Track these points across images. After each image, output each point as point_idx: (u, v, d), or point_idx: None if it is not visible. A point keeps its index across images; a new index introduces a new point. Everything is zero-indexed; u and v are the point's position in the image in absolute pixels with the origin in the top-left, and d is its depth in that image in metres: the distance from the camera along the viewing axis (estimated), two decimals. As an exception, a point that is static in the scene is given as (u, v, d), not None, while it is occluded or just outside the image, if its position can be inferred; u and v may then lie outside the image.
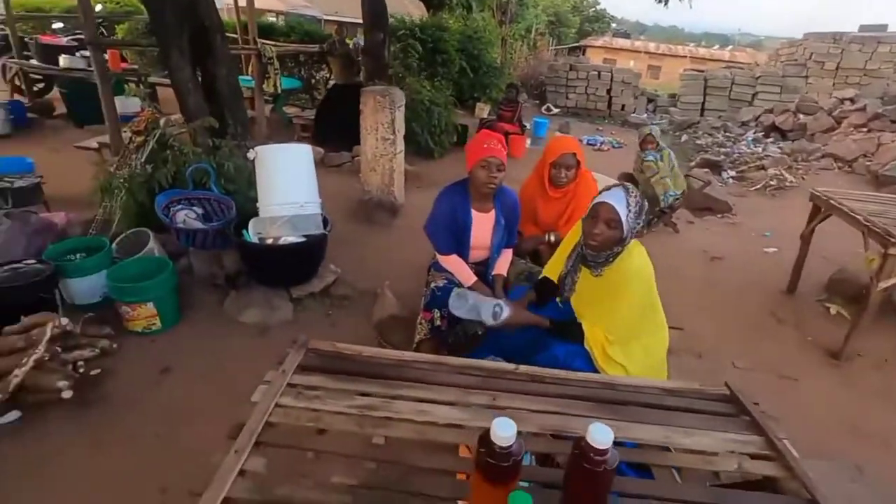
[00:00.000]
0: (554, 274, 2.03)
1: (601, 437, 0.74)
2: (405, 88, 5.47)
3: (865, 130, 7.47)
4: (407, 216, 4.46)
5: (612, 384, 1.32)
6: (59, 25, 8.57)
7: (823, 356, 2.92)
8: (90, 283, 2.69)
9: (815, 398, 2.56)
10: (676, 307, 3.20)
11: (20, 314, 2.32)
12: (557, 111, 11.45)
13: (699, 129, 9.83)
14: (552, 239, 2.62)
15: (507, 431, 0.75)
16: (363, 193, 4.48)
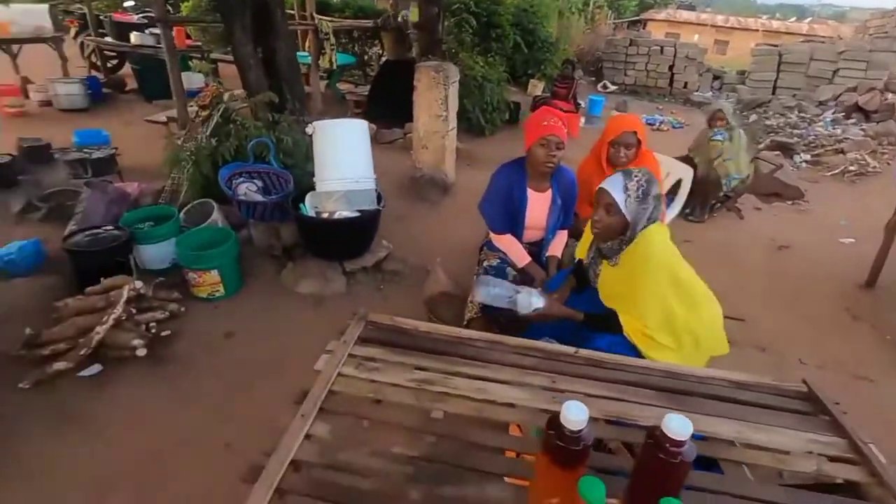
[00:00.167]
0: (582, 256, 2.00)
1: (679, 427, 0.71)
2: (458, 64, 5.38)
3: (965, 112, 6.72)
4: (457, 194, 4.44)
5: (677, 373, 1.26)
6: (130, 3, 9.00)
7: (905, 357, 2.71)
8: (160, 249, 2.85)
9: None
10: (737, 297, 3.04)
11: (100, 276, 2.51)
12: (614, 88, 10.95)
13: (770, 108, 9.12)
14: None
15: (578, 415, 0.73)
16: (414, 171, 4.49)
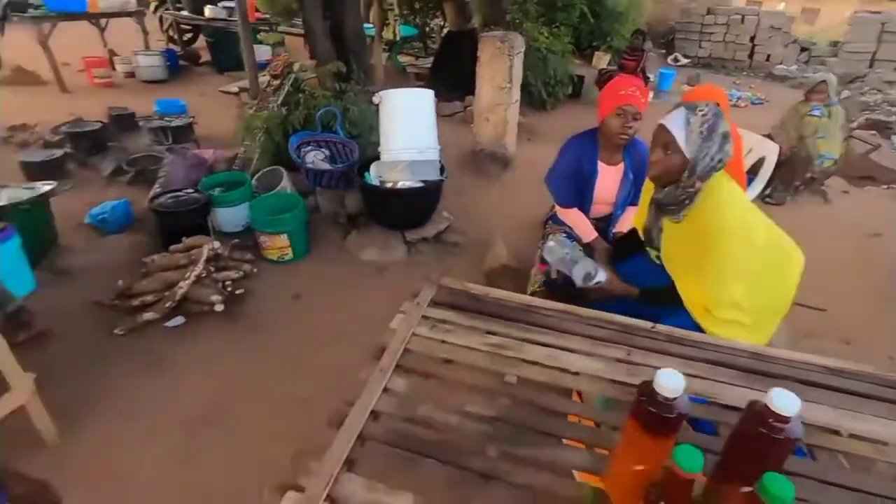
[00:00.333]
0: (640, 224, 1.81)
1: (786, 402, 0.67)
2: (522, 35, 5.21)
3: None
4: (518, 169, 4.36)
5: (766, 356, 1.19)
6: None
7: None
8: (234, 213, 3.00)
9: None
10: (819, 286, 2.82)
11: (181, 236, 2.68)
12: (686, 62, 10.27)
13: (866, 83, 8.29)
14: None
15: (675, 383, 0.70)
16: (475, 144, 4.44)
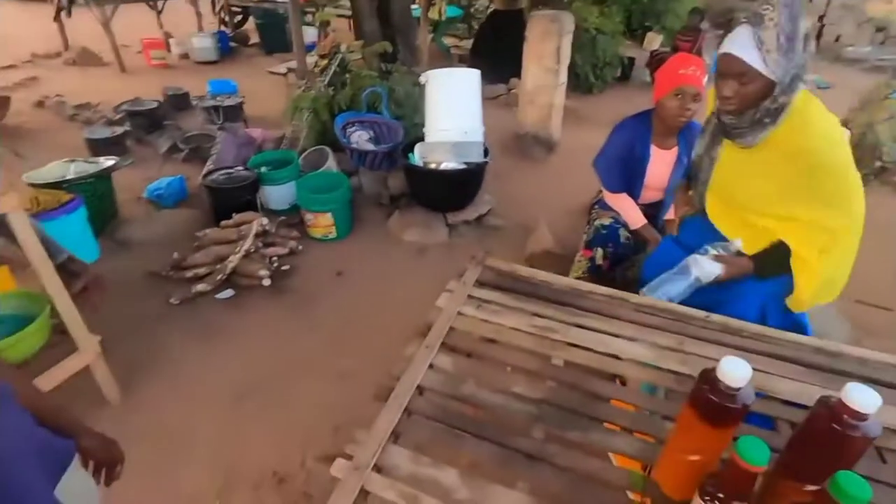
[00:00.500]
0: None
1: (864, 398, 0.63)
2: (572, 14, 5.04)
3: None
4: (562, 154, 4.26)
5: (832, 351, 1.12)
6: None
7: None
8: (282, 191, 3.07)
9: None
10: (885, 284, 2.65)
11: (232, 212, 2.77)
12: (746, 43, 9.68)
13: (949, 67, 7.59)
14: None
15: (740, 371, 0.67)
16: (518, 127, 4.36)
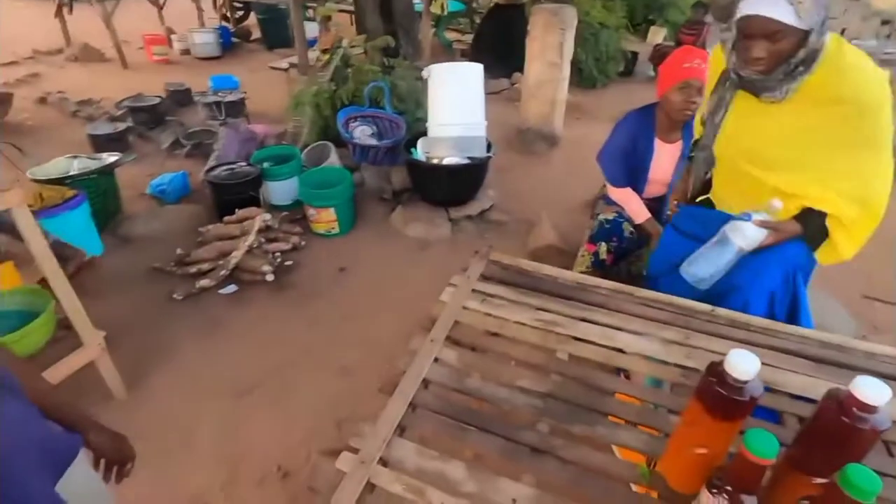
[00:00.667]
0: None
1: (873, 391, 0.62)
2: (575, 8, 5.00)
3: None
4: (565, 148, 4.24)
5: (838, 345, 1.12)
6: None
7: None
8: (284, 186, 3.06)
9: None
10: (890, 278, 2.63)
11: (234, 207, 2.77)
12: (750, 37, 9.61)
13: (956, 60, 7.52)
14: None
15: (747, 365, 0.67)
16: (521, 122, 4.34)
